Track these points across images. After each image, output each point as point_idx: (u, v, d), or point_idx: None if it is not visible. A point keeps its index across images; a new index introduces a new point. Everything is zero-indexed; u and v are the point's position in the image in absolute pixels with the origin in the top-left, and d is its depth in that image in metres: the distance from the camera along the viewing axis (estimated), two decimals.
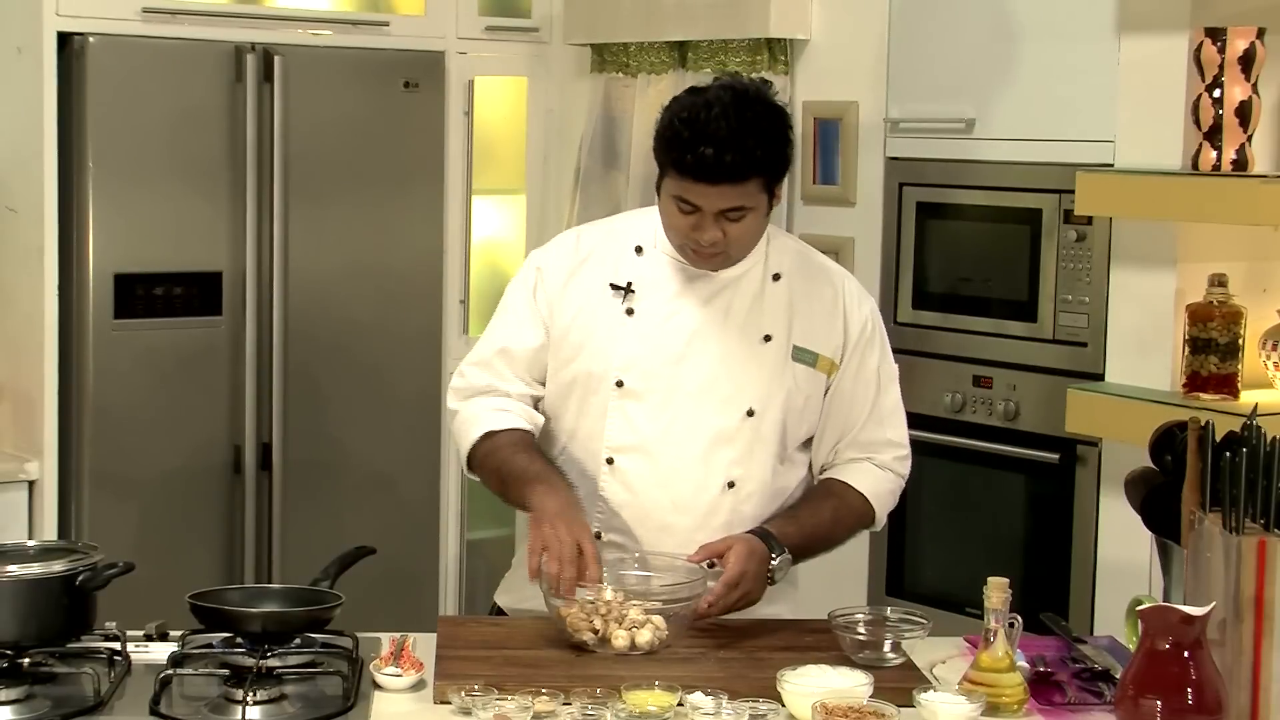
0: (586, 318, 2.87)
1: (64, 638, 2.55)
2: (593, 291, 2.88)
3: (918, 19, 4.20)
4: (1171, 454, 2.63)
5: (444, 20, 4.87)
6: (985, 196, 4.06)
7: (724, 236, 2.75)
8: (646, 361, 2.84)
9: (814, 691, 2.36)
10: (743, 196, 2.71)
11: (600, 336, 2.86)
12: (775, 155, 2.73)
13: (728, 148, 2.66)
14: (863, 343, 2.92)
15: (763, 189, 2.73)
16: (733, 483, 2.85)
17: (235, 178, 4.47)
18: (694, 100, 2.73)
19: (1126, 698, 2.33)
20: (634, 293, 2.87)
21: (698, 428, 2.84)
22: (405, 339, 4.79)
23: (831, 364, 2.89)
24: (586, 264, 2.91)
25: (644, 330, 2.85)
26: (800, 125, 4.49)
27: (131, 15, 4.36)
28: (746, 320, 2.86)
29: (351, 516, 4.63)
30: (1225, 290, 3.49)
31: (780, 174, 2.76)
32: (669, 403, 2.84)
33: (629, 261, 2.89)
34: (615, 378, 2.85)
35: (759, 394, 2.85)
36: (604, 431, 2.85)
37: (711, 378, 2.84)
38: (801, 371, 2.87)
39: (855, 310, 2.93)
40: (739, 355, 2.85)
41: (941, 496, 4.15)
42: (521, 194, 5.14)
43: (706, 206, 2.72)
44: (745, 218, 2.74)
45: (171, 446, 4.44)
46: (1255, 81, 3.42)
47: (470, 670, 2.51)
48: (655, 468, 2.84)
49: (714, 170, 2.67)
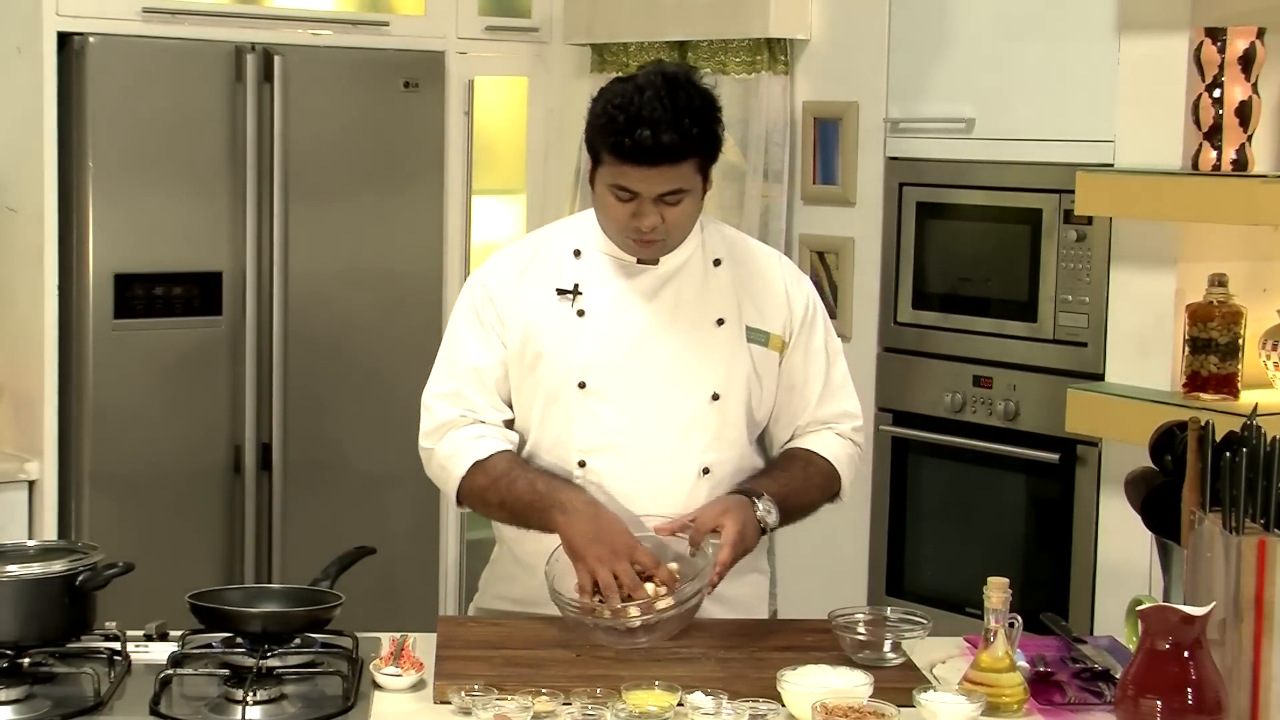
0: (539, 326, 2.87)
1: (64, 638, 2.55)
2: (540, 299, 2.88)
3: (918, 19, 4.20)
4: (1171, 454, 2.63)
5: (444, 20, 4.87)
6: (985, 196, 4.06)
7: (663, 222, 2.77)
8: (605, 360, 2.85)
9: (814, 691, 2.36)
10: (680, 179, 2.74)
11: (556, 342, 2.86)
12: (709, 135, 2.76)
13: (665, 128, 2.68)
14: (808, 321, 2.95)
15: (698, 170, 2.76)
16: (707, 468, 2.86)
17: (235, 178, 4.47)
18: (625, 86, 2.76)
19: (1126, 698, 2.33)
20: (582, 294, 2.87)
21: (665, 418, 2.85)
22: (405, 339, 4.78)
23: (781, 341, 2.92)
24: (528, 274, 2.91)
25: (598, 329, 2.86)
26: (800, 125, 4.50)
27: (131, 15, 4.36)
28: (696, 307, 2.88)
29: (351, 516, 4.63)
30: (1225, 290, 3.49)
31: (713, 155, 2.79)
32: (633, 398, 2.85)
33: (570, 265, 2.90)
34: (577, 379, 2.84)
35: (721, 377, 2.86)
36: (572, 435, 2.86)
37: (672, 367, 2.85)
38: (757, 351, 2.89)
39: (796, 289, 2.96)
40: (695, 342, 2.86)
41: (941, 496, 4.15)
42: (521, 194, 5.14)
43: (645, 191, 2.74)
44: (682, 201, 2.77)
45: (171, 447, 4.44)
46: (1255, 81, 3.42)
47: (470, 670, 2.51)
48: (628, 464, 2.84)
49: (652, 152, 2.69)
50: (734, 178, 4.60)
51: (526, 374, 2.88)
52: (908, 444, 4.20)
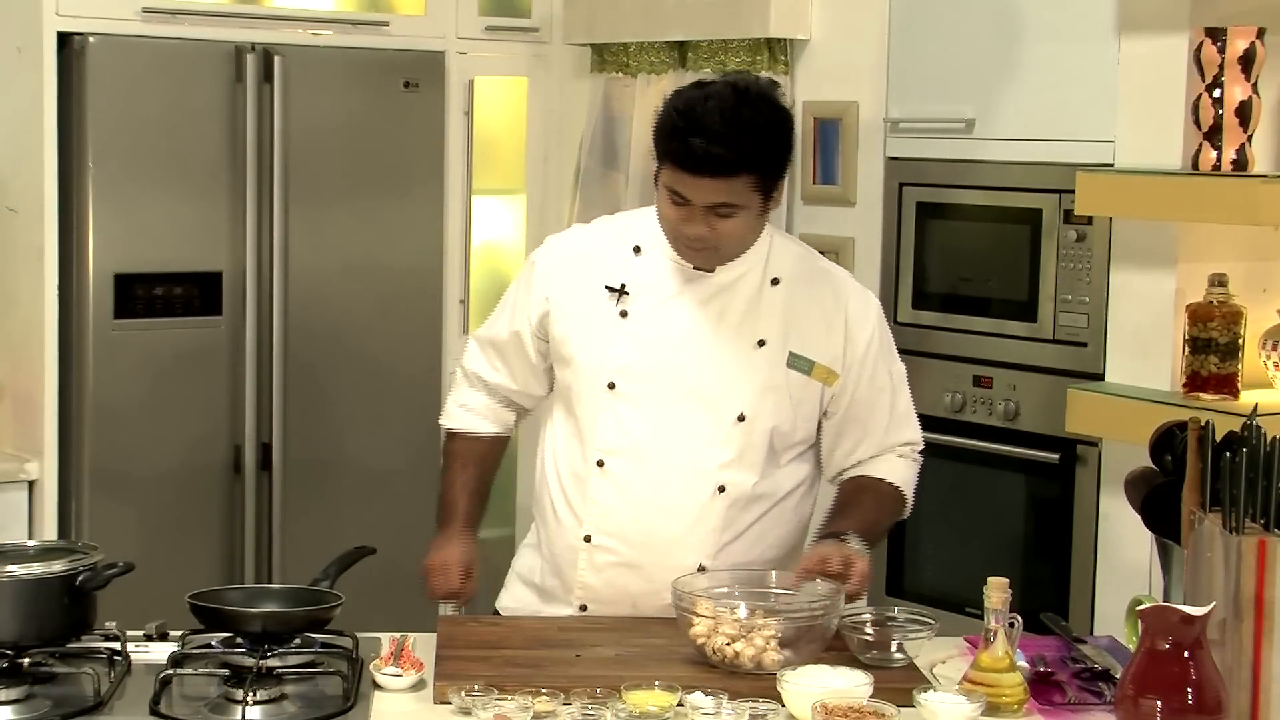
0: (581, 320, 2.88)
1: (64, 638, 2.55)
2: (589, 293, 2.89)
3: (918, 19, 4.20)
4: (1171, 454, 2.63)
5: (444, 20, 4.87)
6: (985, 196, 4.05)
7: (712, 233, 2.75)
8: (638, 364, 2.84)
9: (814, 691, 2.36)
10: (731, 193, 2.71)
11: (594, 338, 2.86)
12: (767, 154, 2.72)
13: (718, 141, 2.67)
14: (872, 352, 2.92)
15: (755, 188, 2.73)
16: (723, 487, 2.84)
17: (235, 178, 4.47)
18: (695, 93, 2.74)
19: (1126, 698, 2.33)
20: (628, 294, 2.87)
21: (688, 432, 2.83)
22: (405, 339, 4.79)
23: (828, 372, 2.88)
24: (584, 264, 2.92)
25: (637, 333, 2.85)
26: (800, 125, 4.49)
27: (131, 15, 4.36)
28: (741, 324, 2.85)
29: (351, 516, 4.63)
30: (1225, 290, 3.49)
31: (775, 175, 2.75)
32: (660, 406, 2.84)
33: (626, 262, 2.89)
34: (607, 380, 2.85)
35: (750, 399, 2.84)
36: (595, 434, 2.85)
37: (703, 381, 2.84)
38: (796, 379, 2.87)
39: (860, 317, 2.92)
40: (731, 360, 2.84)
41: (941, 496, 4.14)
42: (521, 194, 5.14)
43: (695, 200, 2.72)
44: (735, 216, 2.74)
45: (171, 446, 4.44)
46: (1255, 81, 3.42)
47: (470, 670, 2.51)
48: (645, 471, 2.84)
49: (701, 162, 2.68)
50: None
51: (563, 364, 2.91)
52: None
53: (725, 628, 2.55)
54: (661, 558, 2.82)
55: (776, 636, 2.54)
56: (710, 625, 2.56)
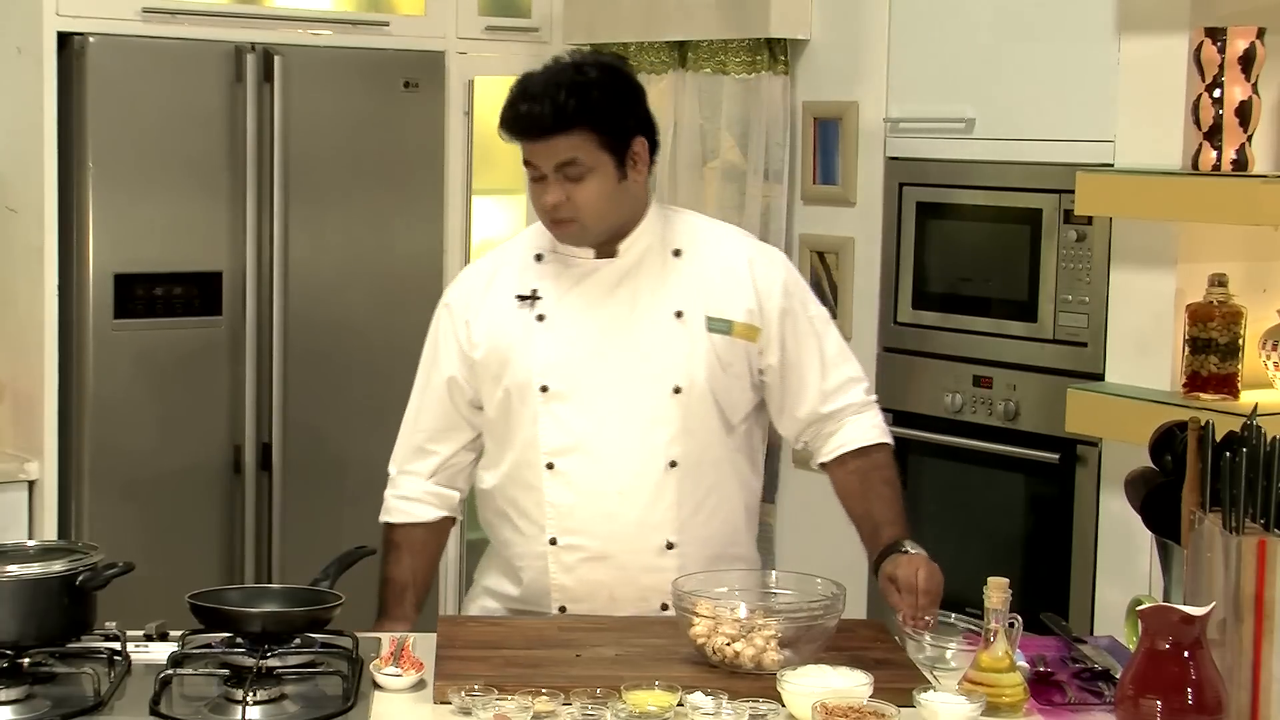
0: (502, 335, 2.92)
1: (64, 638, 2.55)
2: (503, 307, 2.93)
3: (918, 19, 4.20)
4: (1171, 454, 2.63)
5: (444, 20, 4.87)
6: (985, 196, 4.05)
7: (569, 202, 2.80)
8: (565, 362, 2.88)
9: (814, 691, 2.36)
10: (571, 149, 2.78)
11: (518, 348, 2.90)
12: (595, 108, 2.78)
13: (538, 100, 2.77)
14: (792, 302, 2.95)
15: (599, 146, 2.79)
16: (674, 461, 2.87)
17: (235, 178, 4.47)
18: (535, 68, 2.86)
19: (1126, 698, 2.33)
20: (540, 299, 2.92)
21: (629, 415, 2.86)
22: (405, 339, 4.73)
23: (748, 328, 2.91)
24: (492, 286, 2.97)
25: (557, 332, 2.89)
26: (800, 125, 4.50)
27: (131, 15, 4.36)
28: (655, 300, 2.89)
29: (351, 516, 4.61)
30: (1225, 290, 3.49)
31: (615, 133, 2.81)
32: (595, 397, 2.87)
33: (531, 270, 2.95)
34: (539, 384, 2.88)
35: (681, 370, 2.87)
36: (539, 439, 2.88)
37: (632, 363, 2.87)
38: (720, 341, 2.89)
39: (766, 272, 2.95)
40: (654, 336, 2.88)
41: (941, 496, 4.14)
42: (521, 194, 5.12)
43: (541, 164, 2.80)
44: (587, 179, 2.80)
45: (171, 446, 4.44)
46: (1255, 81, 3.42)
47: (470, 670, 2.51)
48: (596, 463, 2.86)
49: (526, 121, 2.79)
50: (734, 178, 4.60)
51: (494, 382, 2.93)
52: (908, 444, 4.19)
53: (725, 628, 2.55)
54: (628, 543, 2.85)
55: (776, 636, 2.54)
56: (710, 625, 2.56)
